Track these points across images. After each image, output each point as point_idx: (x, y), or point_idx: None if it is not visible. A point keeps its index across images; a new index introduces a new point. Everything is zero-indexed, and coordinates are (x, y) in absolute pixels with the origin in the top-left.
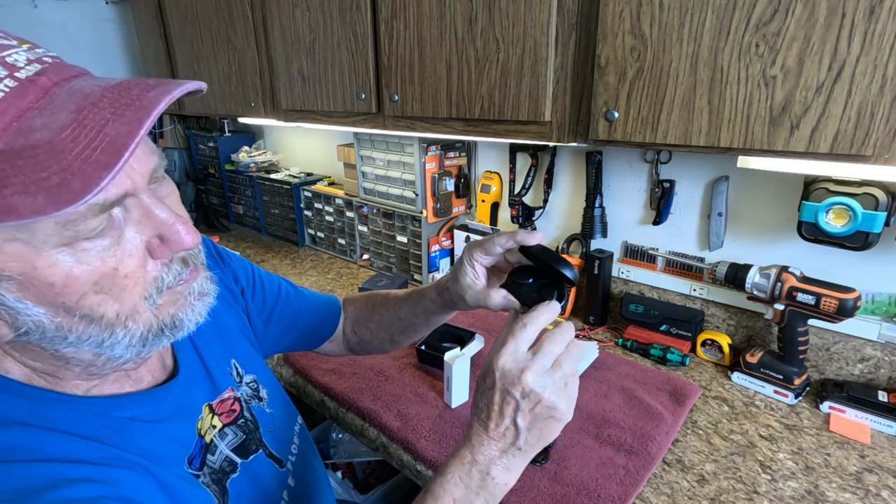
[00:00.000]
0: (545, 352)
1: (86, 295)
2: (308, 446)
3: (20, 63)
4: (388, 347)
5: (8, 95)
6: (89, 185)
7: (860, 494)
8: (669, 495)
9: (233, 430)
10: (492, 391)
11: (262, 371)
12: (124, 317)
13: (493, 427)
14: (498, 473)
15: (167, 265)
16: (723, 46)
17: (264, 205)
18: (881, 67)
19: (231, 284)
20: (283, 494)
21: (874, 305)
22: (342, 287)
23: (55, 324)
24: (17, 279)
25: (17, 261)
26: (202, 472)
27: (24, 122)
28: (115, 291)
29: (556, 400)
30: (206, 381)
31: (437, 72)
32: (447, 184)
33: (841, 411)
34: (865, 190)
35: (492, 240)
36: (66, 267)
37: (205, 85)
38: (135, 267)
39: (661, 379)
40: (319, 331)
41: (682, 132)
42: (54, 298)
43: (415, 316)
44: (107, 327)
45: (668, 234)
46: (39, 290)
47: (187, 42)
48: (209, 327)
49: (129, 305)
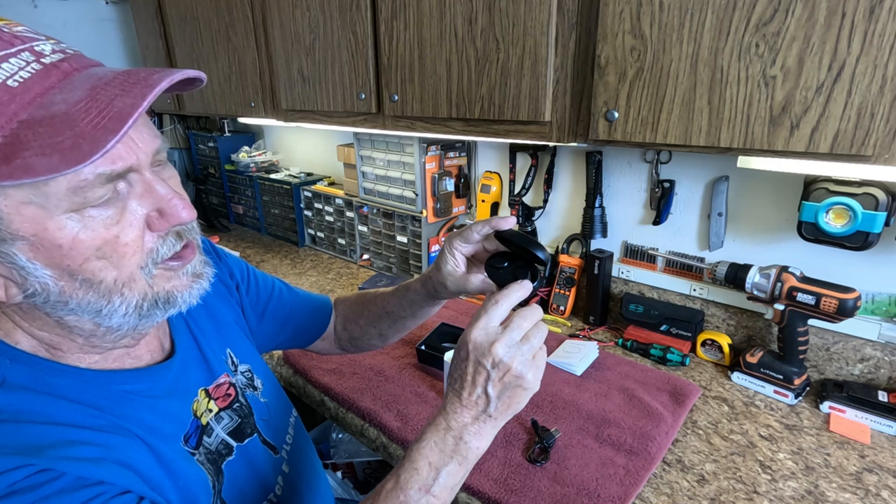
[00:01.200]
0: (514, 326)
1: (89, 259)
2: (304, 440)
3: (46, 52)
4: (377, 343)
5: (35, 76)
6: (97, 147)
7: (860, 494)
8: (669, 495)
9: (228, 414)
10: (465, 362)
11: (256, 362)
12: (121, 283)
13: (465, 395)
14: (470, 438)
15: (163, 237)
16: (723, 46)
17: (264, 205)
18: (881, 67)
19: (227, 279)
20: (278, 479)
21: (874, 305)
22: (342, 287)
23: (59, 287)
24: (30, 240)
25: (31, 222)
26: (198, 451)
27: (46, 98)
28: (115, 258)
29: (523, 370)
30: (202, 365)
31: (437, 72)
32: (447, 184)
33: (841, 411)
34: (865, 190)
35: (470, 228)
36: (74, 231)
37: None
38: (134, 237)
39: (661, 379)
40: (311, 328)
41: (682, 132)
42: (61, 260)
43: (401, 309)
44: (104, 294)
45: (668, 234)
46: (48, 251)
47: (187, 42)
48: (205, 317)
49: (127, 273)
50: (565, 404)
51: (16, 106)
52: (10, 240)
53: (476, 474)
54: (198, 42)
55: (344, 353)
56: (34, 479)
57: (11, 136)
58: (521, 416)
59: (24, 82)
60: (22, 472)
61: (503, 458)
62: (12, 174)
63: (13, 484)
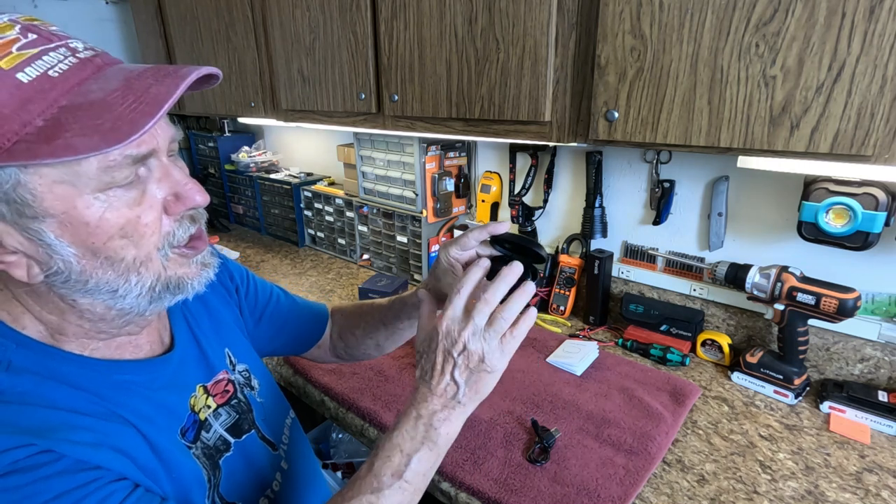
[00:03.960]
0: (477, 311)
1: (112, 238)
2: (301, 441)
3: (80, 49)
4: (373, 353)
5: (72, 68)
6: (136, 128)
7: (860, 494)
8: (669, 495)
9: (226, 411)
10: (434, 353)
11: (254, 362)
12: (139, 262)
13: (434, 384)
14: (440, 425)
15: (178, 221)
16: (723, 46)
17: (264, 205)
18: (881, 67)
19: (227, 282)
20: (276, 476)
21: (874, 305)
22: (342, 287)
23: (80, 266)
24: (59, 217)
25: (62, 201)
26: (195, 445)
27: (83, 87)
28: (136, 238)
29: (488, 355)
30: (201, 362)
31: (437, 72)
32: (447, 184)
33: (841, 411)
34: (865, 190)
35: (465, 235)
36: (100, 210)
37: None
38: (154, 218)
39: (661, 379)
40: (307, 335)
41: (682, 132)
42: (86, 238)
43: (398, 321)
44: (123, 272)
45: (668, 234)
46: (76, 228)
47: (187, 42)
48: (205, 316)
49: (145, 252)
50: (565, 404)
51: (56, 93)
52: (41, 217)
53: (476, 474)
54: (198, 42)
55: (339, 362)
56: (36, 459)
57: (52, 120)
58: (521, 416)
59: (63, 73)
60: (24, 451)
61: (503, 458)
62: (54, 153)
63: (15, 462)
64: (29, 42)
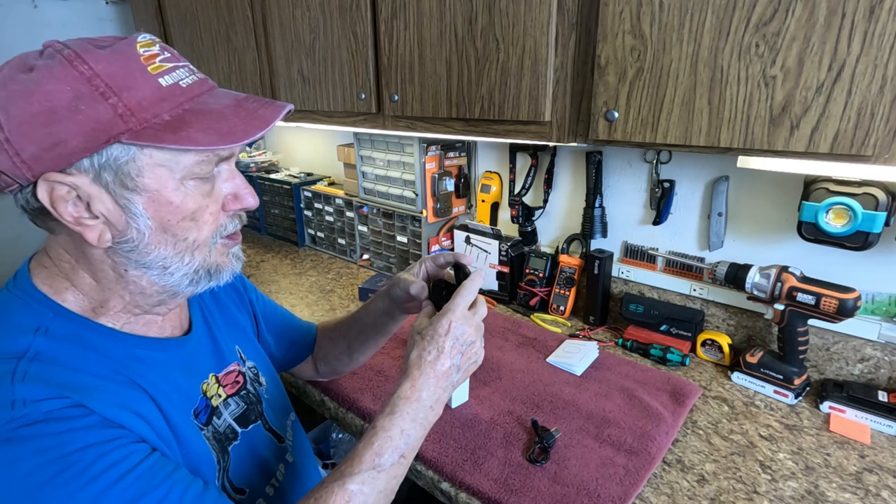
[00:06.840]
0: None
1: (185, 219)
2: (302, 440)
3: (195, 70)
4: (345, 358)
5: (194, 84)
6: (247, 134)
7: (860, 494)
8: (669, 495)
9: (235, 401)
10: (444, 338)
11: (262, 361)
12: (196, 245)
13: (439, 367)
14: (438, 406)
15: (230, 217)
16: (723, 46)
17: (264, 205)
18: (881, 67)
19: (240, 288)
20: (280, 467)
21: (874, 305)
22: (342, 287)
23: (149, 238)
24: (151, 193)
25: (157, 180)
26: (207, 428)
27: (201, 99)
28: (200, 223)
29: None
30: (214, 352)
31: (437, 72)
32: (447, 184)
33: (841, 411)
34: (865, 190)
35: (441, 255)
36: (183, 194)
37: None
38: (216, 210)
39: (661, 379)
40: (300, 348)
41: (682, 132)
42: (165, 214)
43: (366, 315)
44: (180, 251)
45: (668, 234)
46: (160, 205)
47: (187, 42)
48: (218, 313)
49: (203, 237)
50: (565, 404)
51: (183, 99)
52: (137, 191)
53: (476, 474)
54: (198, 42)
55: (320, 378)
56: (69, 411)
57: (178, 118)
58: (521, 416)
59: (188, 85)
60: (60, 402)
61: (503, 458)
62: (177, 141)
63: (51, 411)
64: (166, 58)
